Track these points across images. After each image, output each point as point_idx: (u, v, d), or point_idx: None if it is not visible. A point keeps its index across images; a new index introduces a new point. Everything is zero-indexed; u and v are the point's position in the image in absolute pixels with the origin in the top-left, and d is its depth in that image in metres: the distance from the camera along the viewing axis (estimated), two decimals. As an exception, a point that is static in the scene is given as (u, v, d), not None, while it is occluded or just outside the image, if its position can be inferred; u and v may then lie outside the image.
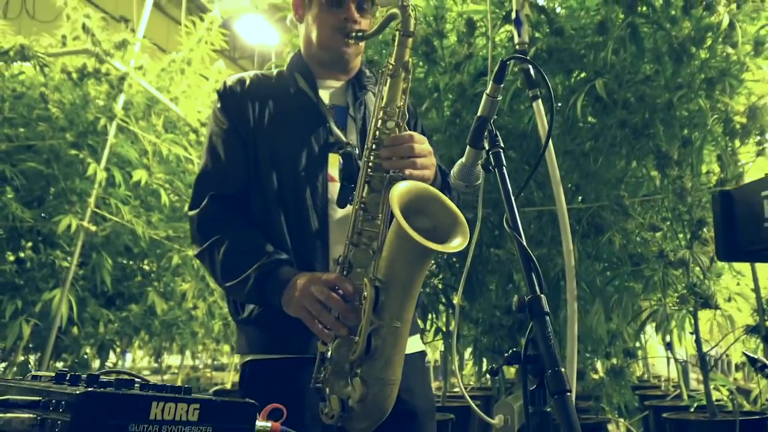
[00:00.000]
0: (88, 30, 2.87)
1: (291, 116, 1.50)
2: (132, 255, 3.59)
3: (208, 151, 1.50)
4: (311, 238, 1.42)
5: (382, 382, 1.18)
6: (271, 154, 1.46)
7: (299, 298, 1.27)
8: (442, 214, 1.20)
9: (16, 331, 2.76)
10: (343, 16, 1.48)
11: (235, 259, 1.38)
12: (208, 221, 1.43)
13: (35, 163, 2.93)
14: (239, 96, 1.51)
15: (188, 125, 3.78)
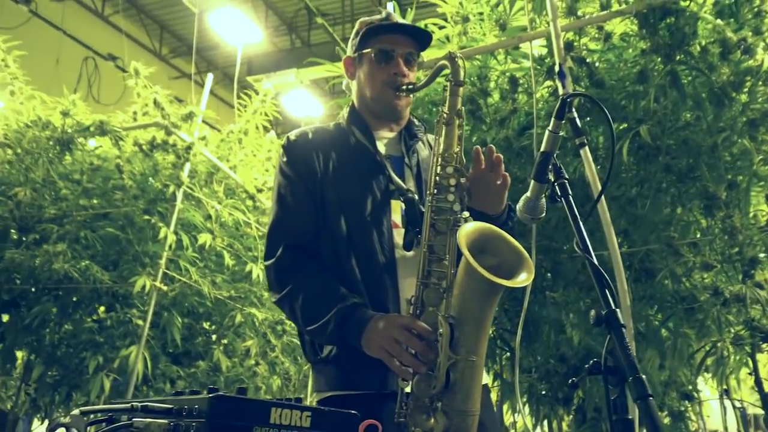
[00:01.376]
0: (159, 104, 3.12)
1: (353, 166, 1.63)
2: (197, 314, 3.75)
3: (278, 202, 1.63)
4: (381, 280, 1.52)
5: (463, 414, 1.26)
6: (337, 202, 1.58)
7: (379, 339, 1.37)
8: (506, 251, 1.29)
9: (98, 385, 2.92)
10: (393, 71, 1.63)
11: (313, 305, 1.49)
12: (284, 270, 1.55)
13: (112, 228, 3.15)
14: (303, 149, 1.65)
15: (246, 192, 3.99)
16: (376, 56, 1.65)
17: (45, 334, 3.28)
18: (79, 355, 3.19)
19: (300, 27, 9.26)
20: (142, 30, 10.98)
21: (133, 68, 3.37)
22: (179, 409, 0.83)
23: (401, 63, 1.65)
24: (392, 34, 1.65)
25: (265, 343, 3.78)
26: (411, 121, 1.74)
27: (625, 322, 2.20)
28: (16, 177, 3.22)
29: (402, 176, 1.63)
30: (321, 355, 1.55)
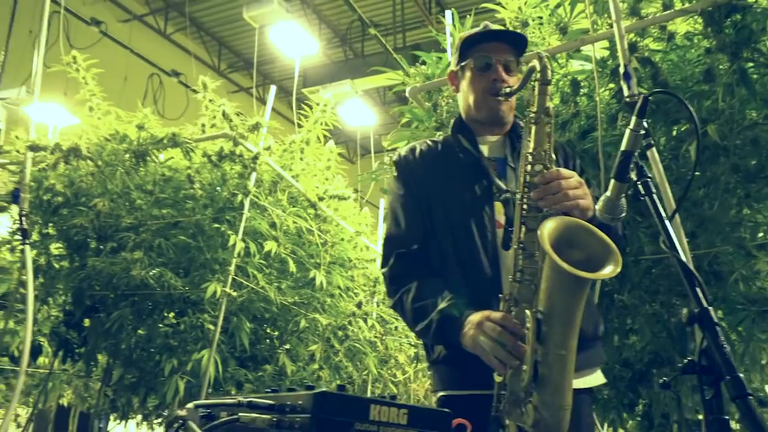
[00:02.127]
0: (227, 116, 3.24)
1: (458, 172, 1.72)
2: (262, 320, 3.85)
3: (390, 215, 1.77)
4: (485, 281, 1.61)
5: (553, 408, 1.29)
6: (444, 209, 1.69)
7: (473, 335, 1.43)
8: (593, 243, 1.31)
9: (173, 387, 3.04)
10: (492, 78, 1.70)
11: (420, 307, 1.59)
12: (396, 277, 1.68)
13: (184, 236, 3.28)
14: (411, 163, 1.77)
15: (307, 200, 4.09)
16: (475, 65, 1.73)
17: (123, 338, 3.43)
18: (155, 358, 3.33)
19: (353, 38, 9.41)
20: (201, 47, 11.33)
21: (201, 82, 3.51)
22: (282, 405, 0.88)
23: (500, 69, 1.72)
24: (488, 43, 1.73)
25: (328, 347, 3.85)
26: (516, 124, 1.80)
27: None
28: (96, 188, 3.39)
29: (505, 178, 1.69)
30: (434, 355, 1.65)
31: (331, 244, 4.06)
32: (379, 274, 4.81)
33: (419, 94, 2.62)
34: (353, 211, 4.70)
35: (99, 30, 7.71)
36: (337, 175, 4.52)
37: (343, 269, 4.20)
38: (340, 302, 4.11)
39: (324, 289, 3.87)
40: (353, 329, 3.93)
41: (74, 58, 3.56)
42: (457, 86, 1.84)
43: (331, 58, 10.74)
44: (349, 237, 4.24)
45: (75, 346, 3.72)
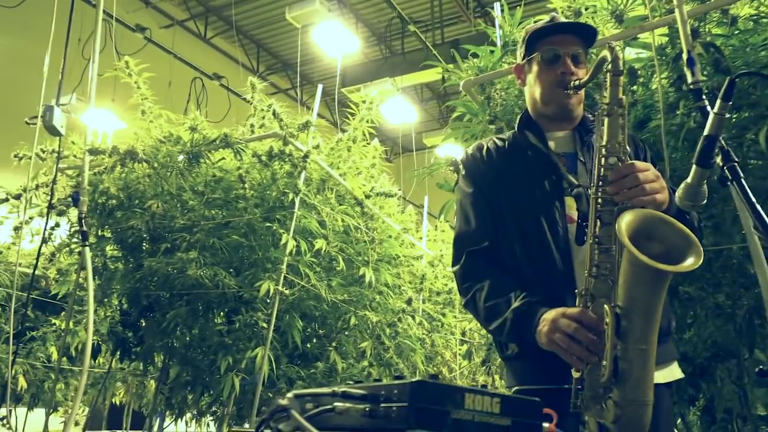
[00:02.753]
0: (277, 115, 3.27)
1: (526, 169, 1.70)
2: (312, 317, 3.88)
3: (460, 213, 1.76)
4: (558, 277, 1.58)
5: (634, 404, 1.26)
6: (514, 206, 1.67)
7: (548, 332, 1.41)
8: (672, 236, 1.27)
9: (230, 384, 3.08)
10: (560, 71, 1.67)
11: (493, 305, 1.58)
12: (467, 275, 1.67)
13: (237, 236, 3.32)
14: (479, 161, 1.75)
15: (354, 198, 4.10)
16: (543, 59, 1.70)
17: (178, 336, 3.49)
18: (209, 356, 3.37)
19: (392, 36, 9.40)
20: (240, 50, 11.46)
21: (249, 84, 3.55)
22: (376, 394, 0.87)
23: (568, 62, 1.68)
24: (556, 35, 1.70)
25: (378, 344, 3.86)
26: (585, 117, 1.77)
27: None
28: (150, 190, 3.45)
29: (575, 172, 1.67)
30: (507, 352, 1.64)
31: (378, 241, 4.07)
32: (424, 270, 4.80)
33: (473, 88, 2.59)
34: (397, 209, 4.71)
35: (143, 36, 7.86)
36: (382, 173, 4.53)
37: (389, 266, 4.20)
38: (389, 299, 4.11)
39: (373, 287, 3.88)
40: (402, 326, 3.93)
41: (126, 64, 3.63)
42: (524, 80, 1.81)
43: (368, 56, 10.75)
44: (396, 234, 4.23)
45: (131, 345, 3.79)
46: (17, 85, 8.59)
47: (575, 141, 1.72)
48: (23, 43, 8.58)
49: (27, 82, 8.47)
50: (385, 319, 3.88)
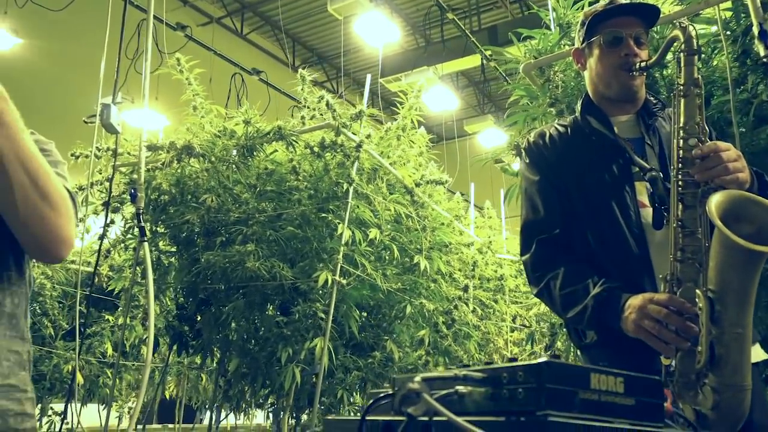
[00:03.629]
0: (330, 106, 3.27)
1: (593, 154, 1.67)
2: (366, 307, 3.88)
3: (526, 201, 1.73)
4: (635, 263, 1.55)
5: (733, 389, 1.23)
6: (582, 193, 1.64)
7: (637, 319, 1.38)
8: (763, 215, 1.23)
9: (290, 375, 3.10)
10: (624, 53, 1.63)
11: (570, 293, 1.55)
12: (539, 263, 1.64)
13: (292, 228, 3.33)
14: (543, 148, 1.73)
15: (405, 187, 4.08)
16: (605, 41, 1.67)
17: (235, 329, 3.53)
18: (268, 348, 3.40)
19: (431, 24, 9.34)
20: (276, 44, 11.52)
21: (300, 75, 3.55)
22: (497, 377, 0.86)
23: (631, 43, 1.65)
24: (618, 17, 1.67)
25: (434, 332, 3.85)
26: (648, 100, 1.74)
27: None
28: (204, 185, 3.48)
29: (644, 157, 1.64)
30: (585, 340, 1.61)
31: (430, 229, 4.05)
32: (476, 257, 4.77)
33: (533, 71, 2.55)
34: (444, 196, 4.68)
35: (184, 35, 7.95)
36: (430, 161, 4.51)
37: (441, 254, 4.18)
38: (442, 287, 4.09)
39: (429, 275, 3.87)
40: (458, 313, 3.91)
41: (178, 61, 3.67)
42: (583, 64, 1.78)
43: (403, 47, 10.71)
44: (448, 221, 4.21)
45: (188, 339, 3.85)
46: (62, 86, 8.78)
47: (640, 125, 1.69)
48: (65, 46, 8.76)
49: (70, 82, 8.64)
50: (441, 306, 3.86)
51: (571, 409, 0.80)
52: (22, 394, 1.23)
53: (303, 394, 3.54)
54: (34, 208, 1.16)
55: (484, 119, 10.09)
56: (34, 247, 1.23)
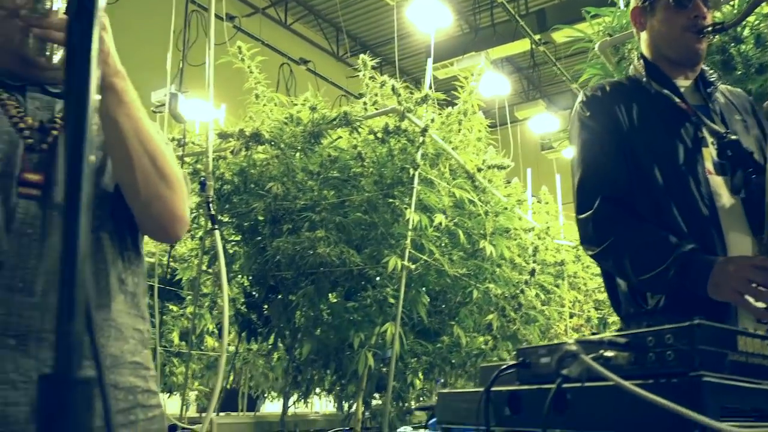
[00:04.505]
0: (396, 91, 3.25)
1: (658, 117, 1.61)
2: (431, 292, 3.86)
3: (585, 158, 1.64)
4: (706, 231, 1.50)
5: None
6: (649, 153, 1.58)
7: (730, 282, 1.33)
8: None
9: (363, 360, 3.11)
10: (693, 14, 1.58)
11: (645, 254, 1.49)
12: (603, 222, 1.56)
13: (359, 213, 3.33)
14: (604, 101, 1.67)
15: (466, 172, 4.04)
16: (674, 1, 1.61)
17: (305, 315, 3.55)
18: (338, 334, 3.41)
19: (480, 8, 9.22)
20: (320, 34, 11.55)
21: (361, 61, 3.55)
22: (641, 341, 0.86)
23: (700, 4, 1.60)
24: None
25: (501, 317, 3.81)
26: (703, 69, 1.69)
27: None
28: (268, 173, 3.50)
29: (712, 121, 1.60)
30: (647, 305, 1.55)
31: (494, 213, 4.00)
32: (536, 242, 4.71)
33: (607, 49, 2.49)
34: (503, 181, 4.63)
35: (233, 25, 8.02)
36: (489, 146, 4.46)
37: (503, 239, 4.13)
38: (506, 271, 4.05)
39: (494, 259, 3.83)
40: (524, 298, 3.86)
41: (240, 49, 3.69)
42: (643, 24, 1.71)
43: (449, 33, 10.62)
44: (511, 206, 4.16)
45: (257, 326, 3.89)
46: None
47: (700, 92, 1.65)
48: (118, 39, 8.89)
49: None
50: (508, 291, 3.82)
51: (722, 371, 0.80)
52: (146, 371, 1.25)
53: (372, 379, 3.55)
54: (154, 188, 1.17)
55: (535, 104, 9.95)
56: (153, 227, 1.24)
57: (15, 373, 1.09)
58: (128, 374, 1.20)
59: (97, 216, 1.21)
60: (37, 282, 1.13)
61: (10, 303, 1.11)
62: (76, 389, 0.43)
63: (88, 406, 0.46)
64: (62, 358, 0.43)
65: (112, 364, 1.18)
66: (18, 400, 1.08)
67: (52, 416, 0.45)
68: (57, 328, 0.44)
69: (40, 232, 1.15)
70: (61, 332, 0.43)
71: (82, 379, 0.43)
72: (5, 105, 1.22)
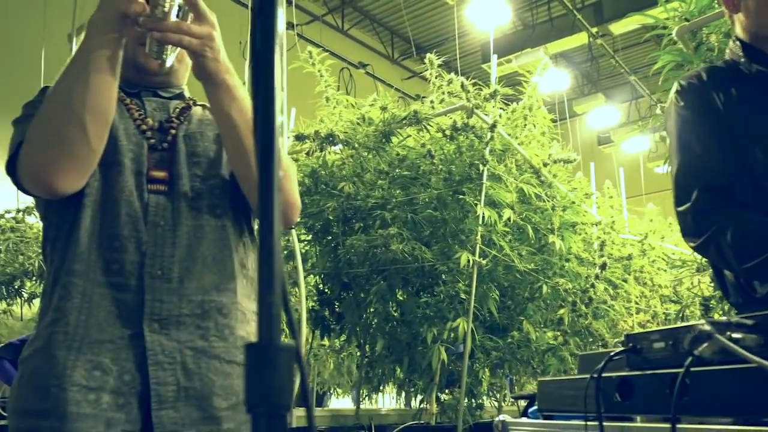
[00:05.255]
0: (465, 87, 3.30)
1: (758, 97, 1.59)
2: (500, 287, 3.89)
3: (682, 147, 1.63)
4: None
5: None
6: (750, 137, 1.55)
7: None
8: None
9: (437, 355, 3.18)
10: None
11: (747, 242, 1.46)
12: (702, 212, 1.55)
13: (430, 210, 3.39)
14: (699, 90, 1.64)
15: (532, 167, 4.06)
16: None
17: (377, 311, 3.63)
18: (410, 329, 3.48)
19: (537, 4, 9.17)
20: (375, 38, 11.67)
21: (428, 60, 3.61)
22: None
23: None
24: None
25: (572, 312, 3.81)
26: None
27: None
28: (339, 173, 3.61)
29: None
30: (756, 294, 1.54)
31: (561, 208, 4.01)
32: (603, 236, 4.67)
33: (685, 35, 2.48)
34: (566, 176, 4.61)
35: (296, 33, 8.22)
36: (553, 140, 4.46)
37: (570, 233, 4.13)
38: (574, 266, 4.04)
39: (563, 254, 3.83)
40: (595, 292, 3.85)
41: (310, 53, 3.81)
42: (736, 5, 1.69)
43: (504, 30, 10.59)
44: (579, 200, 4.15)
45: (330, 323, 3.99)
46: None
47: None
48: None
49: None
50: (579, 285, 3.82)
51: None
52: None
53: (442, 374, 3.61)
54: None
55: (594, 98, 9.80)
56: None
57: (161, 354, 1.20)
58: None
59: (219, 204, 1.32)
60: (173, 269, 1.24)
61: (153, 289, 1.22)
62: (280, 354, 0.49)
63: (290, 370, 0.51)
64: (265, 327, 0.49)
65: (242, 345, 1.27)
66: (167, 380, 1.19)
67: (261, 377, 0.50)
68: (258, 299, 0.50)
69: (171, 223, 1.27)
70: (262, 303, 0.50)
71: (284, 346, 0.49)
72: (129, 109, 1.34)
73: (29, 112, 1.29)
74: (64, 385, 1.16)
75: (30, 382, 1.21)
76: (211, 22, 1.23)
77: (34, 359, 1.22)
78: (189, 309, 1.25)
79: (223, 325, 1.28)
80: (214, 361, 1.25)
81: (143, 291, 1.23)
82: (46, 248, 1.31)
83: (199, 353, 1.24)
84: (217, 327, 1.27)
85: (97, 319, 1.21)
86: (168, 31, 1.20)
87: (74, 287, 1.22)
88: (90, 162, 1.22)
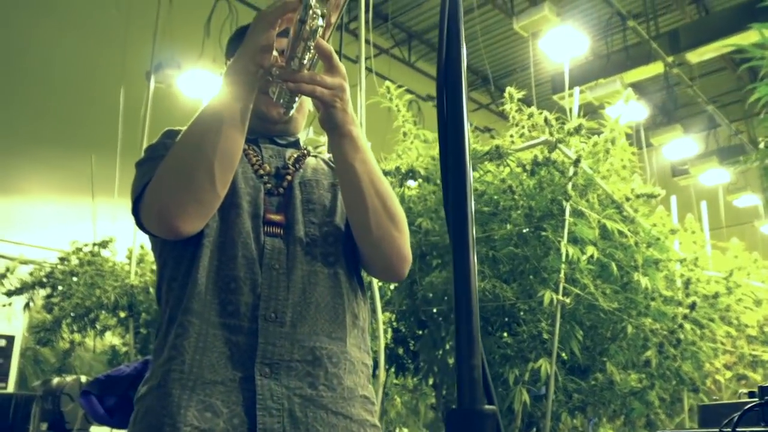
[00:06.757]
0: (548, 122, 3.24)
1: None
2: (582, 327, 3.75)
3: None
4: None
5: None
6: None
7: None
8: None
9: (520, 397, 3.07)
10: None
11: None
12: None
13: (511, 247, 3.32)
14: None
15: (613, 202, 3.93)
16: None
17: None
18: (490, 369, 3.38)
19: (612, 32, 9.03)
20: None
21: (508, 94, 3.57)
22: None
23: None
24: None
25: (659, 353, 3.64)
26: None
27: None
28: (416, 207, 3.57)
29: None
30: None
31: (645, 244, 3.85)
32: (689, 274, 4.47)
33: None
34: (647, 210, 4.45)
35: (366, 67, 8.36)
36: (634, 174, 4.32)
37: (654, 270, 3.96)
38: (659, 305, 3.87)
39: (647, 293, 3.67)
40: (683, 333, 3.67)
41: (388, 89, 3.82)
42: None
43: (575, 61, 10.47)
44: (665, 236, 3.99)
45: (405, 361, 3.93)
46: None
47: None
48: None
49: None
50: (666, 326, 3.65)
51: None
52: (372, 406, 1.31)
53: (522, 417, 3.48)
54: (385, 230, 1.24)
55: (671, 129, 9.51)
56: (381, 267, 1.31)
57: (270, 400, 1.18)
58: (359, 407, 1.27)
59: (332, 252, 1.31)
60: (287, 313, 1.23)
61: (267, 333, 1.21)
62: (484, 420, 0.46)
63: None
64: (467, 391, 0.46)
65: (348, 396, 1.25)
66: (273, 426, 1.17)
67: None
68: (458, 362, 0.47)
69: (286, 266, 1.26)
70: (463, 367, 0.47)
71: (487, 411, 0.46)
72: (248, 154, 1.35)
73: (152, 154, 1.32)
74: (177, 425, 1.16)
75: (144, 420, 1.22)
76: (343, 73, 1.24)
77: (149, 398, 1.23)
78: (300, 355, 1.23)
79: (332, 375, 1.25)
80: (321, 412, 1.22)
81: (256, 334, 1.23)
82: (162, 287, 1.33)
83: (306, 401, 1.22)
84: (326, 376, 1.25)
85: (211, 360, 1.21)
86: (303, 82, 1.21)
87: (191, 326, 1.23)
88: (213, 206, 1.24)
